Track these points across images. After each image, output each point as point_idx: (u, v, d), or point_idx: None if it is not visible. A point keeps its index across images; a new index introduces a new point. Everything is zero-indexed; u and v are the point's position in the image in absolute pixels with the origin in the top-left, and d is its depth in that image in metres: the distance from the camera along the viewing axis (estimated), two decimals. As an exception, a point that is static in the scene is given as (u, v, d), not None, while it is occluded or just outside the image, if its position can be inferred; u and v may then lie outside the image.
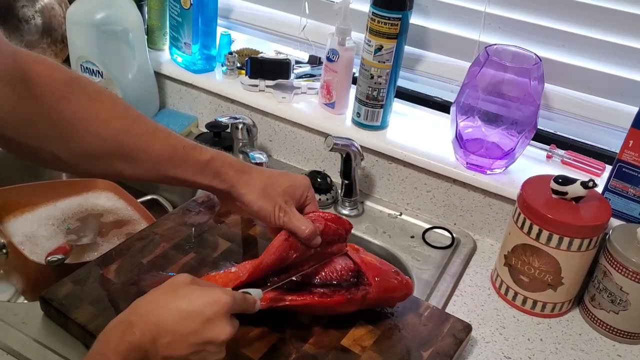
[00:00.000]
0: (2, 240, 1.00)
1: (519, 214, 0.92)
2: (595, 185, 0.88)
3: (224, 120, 1.15)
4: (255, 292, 0.72)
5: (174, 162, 0.75)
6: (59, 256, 0.96)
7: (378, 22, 1.03)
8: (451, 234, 1.10)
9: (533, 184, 0.94)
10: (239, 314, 0.69)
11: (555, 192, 0.90)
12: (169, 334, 0.60)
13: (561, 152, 1.09)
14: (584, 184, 0.88)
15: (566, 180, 0.90)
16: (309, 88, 1.23)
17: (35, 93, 0.66)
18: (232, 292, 0.66)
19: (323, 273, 0.80)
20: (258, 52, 1.28)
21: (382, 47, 1.05)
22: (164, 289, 0.64)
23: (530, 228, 0.90)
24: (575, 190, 0.89)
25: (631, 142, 0.92)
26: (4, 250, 1.00)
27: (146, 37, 1.29)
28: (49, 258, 0.96)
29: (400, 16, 1.02)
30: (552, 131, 1.14)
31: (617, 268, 0.88)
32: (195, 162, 0.76)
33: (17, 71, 0.65)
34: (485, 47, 1.01)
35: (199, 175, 0.77)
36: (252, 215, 0.81)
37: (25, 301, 1.04)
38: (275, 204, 0.78)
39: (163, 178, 0.76)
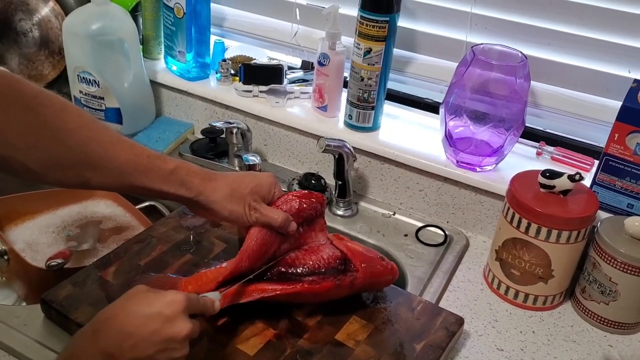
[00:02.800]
0: (3, 247, 1.03)
1: (508, 209, 0.93)
2: (582, 178, 0.90)
3: (219, 124, 1.17)
4: (213, 295, 0.74)
5: (139, 170, 0.77)
6: (59, 260, 0.99)
7: (366, 25, 1.06)
8: (444, 231, 1.12)
9: (521, 179, 0.96)
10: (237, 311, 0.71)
11: (543, 186, 0.92)
12: (132, 337, 0.63)
13: (550, 148, 1.11)
14: (571, 177, 0.90)
15: (553, 174, 0.91)
16: (302, 93, 1.25)
17: (4, 105, 0.69)
18: (186, 293, 0.69)
19: (311, 262, 0.82)
20: (251, 59, 1.31)
21: (371, 49, 1.07)
22: (122, 299, 0.67)
23: (520, 222, 0.91)
24: (562, 183, 0.91)
25: (616, 135, 0.94)
26: (6, 257, 1.02)
27: (141, 47, 1.32)
28: (49, 262, 0.98)
29: (387, 19, 1.05)
30: (541, 129, 1.16)
31: (605, 259, 0.90)
32: (160, 171, 0.78)
33: None
34: (472, 47, 1.03)
35: (165, 184, 0.78)
36: (223, 220, 0.83)
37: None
38: (244, 204, 0.80)
39: (130, 187, 0.78)
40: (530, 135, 1.14)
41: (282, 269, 0.81)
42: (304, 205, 0.85)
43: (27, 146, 0.71)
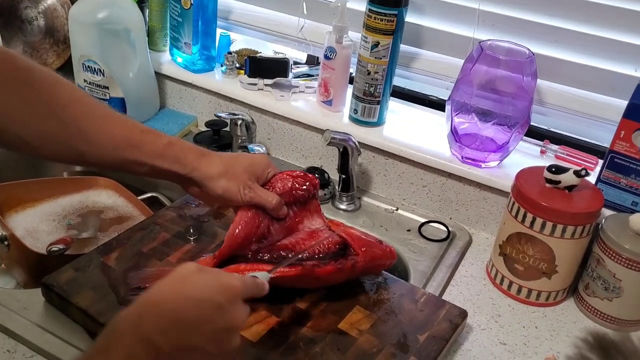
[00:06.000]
0: (3, 233, 1.02)
1: (513, 203, 0.93)
2: (587, 173, 0.90)
3: (224, 115, 1.17)
4: (262, 275, 0.72)
5: (133, 144, 0.77)
6: (60, 246, 0.98)
7: (374, 18, 1.06)
8: (447, 227, 1.11)
9: (527, 174, 0.95)
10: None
11: (549, 181, 0.92)
12: (181, 324, 0.57)
13: (555, 147, 1.11)
14: (577, 173, 0.90)
15: (559, 169, 0.91)
16: (307, 87, 1.25)
17: (0, 79, 0.70)
18: (242, 276, 0.66)
19: (311, 247, 0.82)
20: (257, 52, 1.31)
21: (379, 43, 1.07)
22: (172, 279, 0.61)
23: (525, 216, 0.91)
24: (568, 179, 0.91)
25: (622, 132, 0.94)
26: (6, 242, 1.01)
27: (147, 38, 1.32)
28: (50, 248, 0.97)
29: (396, 13, 1.05)
30: (545, 127, 1.16)
31: (610, 255, 0.89)
32: (154, 146, 0.78)
33: None
34: (479, 42, 1.03)
35: (159, 160, 0.78)
36: (216, 197, 0.81)
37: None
38: (239, 182, 0.80)
39: (124, 162, 0.78)
40: (535, 134, 1.14)
41: (283, 254, 0.82)
42: (297, 185, 0.86)
43: (23, 119, 0.72)
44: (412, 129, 1.17)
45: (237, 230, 0.81)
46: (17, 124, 0.72)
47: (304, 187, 0.86)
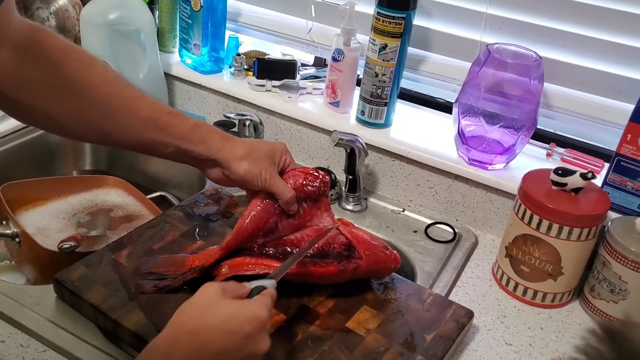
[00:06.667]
0: (15, 230, 1.03)
1: (520, 205, 0.94)
2: (594, 176, 0.91)
3: (232, 116, 1.18)
4: (269, 284, 0.73)
5: (160, 126, 0.79)
6: (71, 244, 0.99)
7: (383, 21, 1.07)
8: (453, 229, 1.12)
9: (533, 176, 0.96)
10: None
11: (555, 183, 0.93)
12: (213, 354, 0.62)
13: (561, 150, 1.12)
14: (583, 175, 0.91)
15: (566, 172, 0.92)
16: (314, 88, 1.26)
17: (35, 57, 0.72)
18: (266, 304, 0.67)
19: (316, 245, 0.83)
20: (265, 54, 1.32)
21: (387, 45, 1.08)
22: (199, 305, 0.65)
23: (531, 218, 0.92)
24: (574, 181, 0.92)
25: (629, 135, 0.95)
26: (17, 239, 1.03)
27: (157, 39, 1.33)
28: (61, 245, 0.98)
29: (404, 16, 1.06)
30: (551, 130, 1.16)
31: (616, 258, 0.90)
32: (180, 128, 0.80)
33: (22, 37, 0.71)
34: (487, 46, 1.04)
35: (185, 141, 0.80)
36: (237, 179, 0.84)
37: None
38: (261, 167, 0.83)
39: (150, 143, 0.80)
40: (541, 137, 1.15)
41: (288, 249, 0.83)
42: (308, 181, 0.87)
43: (52, 98, 0.74)
44: (419, 131, 1.18)
45: (245, 223, 0.82)
46: (46, 102, 0.74)
47: (315, 183, 0.88)
